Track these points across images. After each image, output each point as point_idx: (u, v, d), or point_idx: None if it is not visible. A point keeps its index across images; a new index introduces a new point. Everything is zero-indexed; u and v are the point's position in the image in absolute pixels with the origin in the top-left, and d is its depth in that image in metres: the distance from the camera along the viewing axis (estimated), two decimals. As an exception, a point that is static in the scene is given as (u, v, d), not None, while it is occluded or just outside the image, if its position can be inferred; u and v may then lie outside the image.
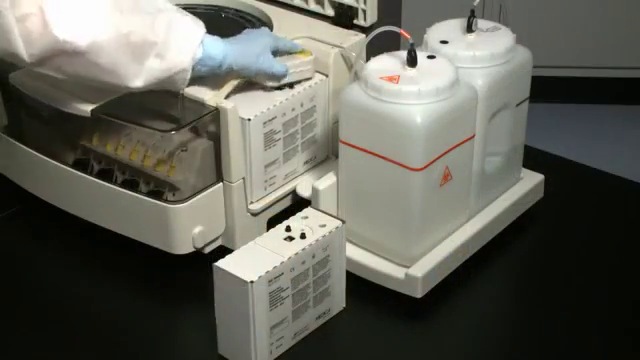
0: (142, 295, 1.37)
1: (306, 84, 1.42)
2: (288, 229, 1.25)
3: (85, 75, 1.27)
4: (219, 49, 1.32)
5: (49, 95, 1.37)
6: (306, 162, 1.47)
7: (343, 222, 1.27)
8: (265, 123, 1.36)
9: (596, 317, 1.33)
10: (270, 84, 1.39)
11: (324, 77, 1.44)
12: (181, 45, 1.28)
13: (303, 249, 1.22)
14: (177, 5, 1.62)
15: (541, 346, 1.28)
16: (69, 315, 1.33)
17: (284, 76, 1.39)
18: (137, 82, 1.27)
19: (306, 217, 1.28)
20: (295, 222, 1.27)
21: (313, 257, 1.24)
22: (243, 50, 1.35)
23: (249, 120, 1.34)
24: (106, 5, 1.24)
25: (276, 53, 1.40)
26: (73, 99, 1.35)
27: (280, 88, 1.40)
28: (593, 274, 1.41)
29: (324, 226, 1.26)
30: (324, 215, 1.28)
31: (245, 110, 1.34)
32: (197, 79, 1.33)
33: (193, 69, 1.29)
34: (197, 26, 1.31)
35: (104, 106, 1.35)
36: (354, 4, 1.53)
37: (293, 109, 1.39)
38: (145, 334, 1.31)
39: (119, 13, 1.25)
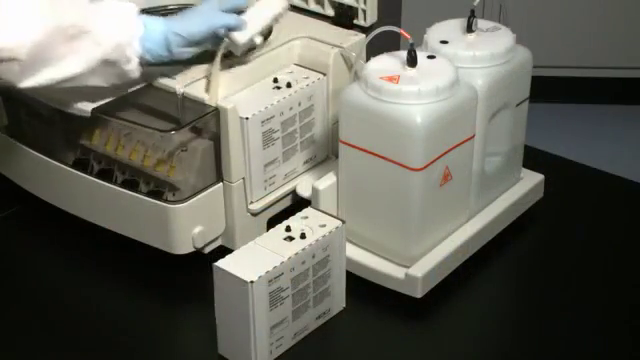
0: (142, 295, 1.37)
1: (304, 83, 1.41)
2: (288, 229, 1.25)
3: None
4: (159, 22, 1.32)
5: (49, 95, 1.37)
6: (306, 162, 1.47)
7: (343, 222, 1.27)
8: (263, 122, 1.36)
9: (596, 317, 1.33)
10: (241, 48, 1.37)
11: (321, 76, 1.44)
12: (115, 23, 1.28)
13: (303, 249, 1.22)
14: (178, 5, 1.63)
15: (541, 346, 1.28)
16: (69, 315, 1.33)
17: (243, 25, 1.35)
18: (75, 69, 1.27)
19: (306, 217, 1.28)
20: (295, 222, 1.27)
21: (313, 257, 1.24)
22: (185, 17, 1.34)
23: (247, 119, 1.34)
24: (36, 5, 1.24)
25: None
26: (73, 99, 1.35)
27: (279, 87, 1.40)
28: (593, 274, 1.41)
29: (324, 226, 1.26)
30: (324, 215, 1.28)
31: (243, 109, 1.34)
32: (191, 80, 1.33)
33: (143, 56, 1.30)
34: (128, 4, 1.31)
35: (104, 106, 1.35)
36: (354, 4, 1.53)
37: (291, 108, 1.39)
38: (145, 334, 1.31)
39: (51, 10, 1.24)
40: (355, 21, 1.54)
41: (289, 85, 1.40)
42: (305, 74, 1.44)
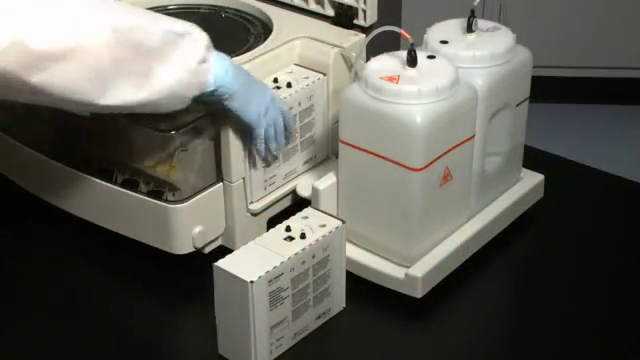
0: (142, 295, 1.37)
1: (304, 83, 1.42)
2: (288, 229, 1.25)
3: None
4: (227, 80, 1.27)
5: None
6: (306, 162, 1.47)
7: (343, 222, 1.27)
8: None
9: (596, 317, 1.33)
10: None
11: (321, 76, 1.44)
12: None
13: (303, 249, 1.22)
14: (178, 5, 1.63)
15: (541, 346, 1.28)
16: (69, 315, 1.33)
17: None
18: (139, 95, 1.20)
19: (306, 217, 1.28)
20: (295, 222, 1.26)
21: (313, 257, 1.24)
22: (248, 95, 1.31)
23: None
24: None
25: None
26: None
27: (278, 87, 1.40)
28: (593, 274, 1.41)
29: (324, 226, 1.26)
30: (324, 215, 1.28)
31: None
32: None
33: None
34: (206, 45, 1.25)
35: (104, 106, 1.35)
36: (354, 4, 1.53)
37: (291, 108, 1.39)
38: (145, 334, 1.31)
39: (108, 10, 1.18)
40: (355, 21, 1.53)
41: (289, 85, 1.40)
42: (305, 74, 1.44)
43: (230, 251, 1.25)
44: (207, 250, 1.40)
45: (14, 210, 1.52)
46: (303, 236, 1.24)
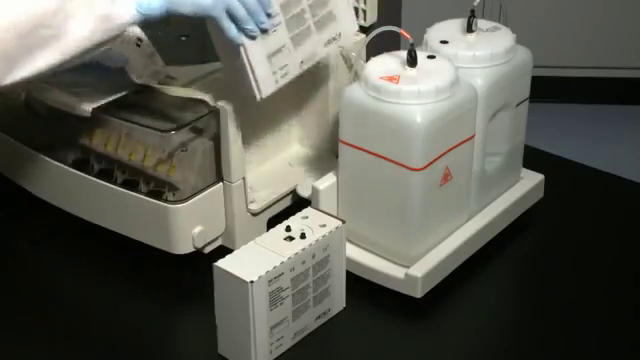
0: (142, 295, 1.37)
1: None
2: (288, 229, 1.25)
3: None
4: None
5: (49, 95, 1.37)
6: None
7: (343, 222, 1.27)
8: None
9: (596, 317, 1.33)
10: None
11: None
12: None
13: (303, 249, 1.22)
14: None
15: (541, 346, 1.28)
16: (69, 315, 1.33)
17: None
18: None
19: (306, 217, 1.28)
20: (295, 222, 1.27)
21: (313, 257, 1.24)
22: None
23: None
24: None
25: None
26: (73, 99, 1.36)
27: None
28: (593, 274, 1.41)
29: (324, 226, 1.26)
30: (324, 215, 1.28)
31: None
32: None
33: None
34: None
35: (104, 106, 1.35)
36: (354, 4, 1.52)
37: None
38: (145, 334, 1.31)
39: None
40: (355, 21, 1.54)
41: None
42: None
43: (230, 251, 1.25)
44: (207, 250, 1.40)
45: (14, 210, 1.52)
46: (303, 236, 1.24)
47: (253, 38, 1.24)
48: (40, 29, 1.14)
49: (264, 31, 1.24)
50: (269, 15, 1.25)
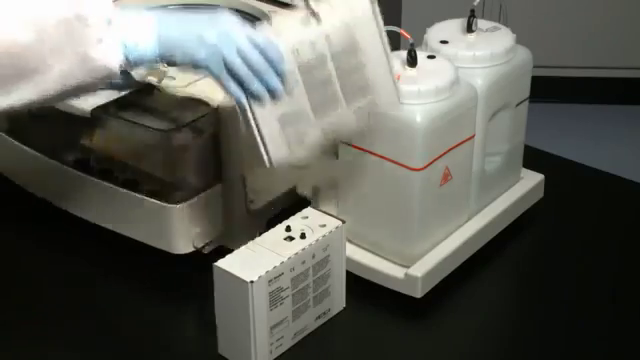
0: (142, 295, 1.37)
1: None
2: (288, 229, 1.25)
3: None
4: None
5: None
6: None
7: (343, 222, 1.27)
8: None
9: (596, 317, 1.33)
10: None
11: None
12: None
13: (303, 249, 1.22)
14: (178, 5, 1.63)
15: (541, 346, 1.28)
16: (69, 315, 1.33)
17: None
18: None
19: (306, 217, 1.28)
20: (295, 222, 1.26)
21: (313, 257, 1.24)
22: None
23: None
24: None
25: None
26: (73, 99, 1.35)
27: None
28: (593, 274, 1.41)
29: (324, 226, 1.26)
30: (324, 215, 1.28)
31: None
32: None
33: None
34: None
35: (104, 106, 1.35)
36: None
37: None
38: (145, 334, 1.31)
39: None
40: (355, 21, 1.53)
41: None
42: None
43: (230, 251, 1.25)
44: (207, 250, 1.40)
45: (14, 210, 1.52)
46: (303, 236, 1.24)
47: (260, 100, 1.08)
48: (14, 60, 1.02)
49: (274, 94, 1.08)
50: (280, 75, 1.08)
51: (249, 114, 1.08)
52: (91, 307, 1.35)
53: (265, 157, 1.11)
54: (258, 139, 1.09)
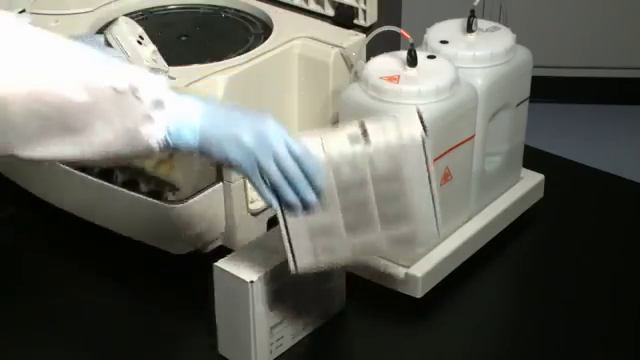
0: (142, 295, 1.37)
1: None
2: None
3: None
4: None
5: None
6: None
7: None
8: None
9: (596, 317, 1.33)
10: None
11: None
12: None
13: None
14: (178, 5, 1.63)
15: (541, 346, 1.28)
16: (68, 315, 1.33)
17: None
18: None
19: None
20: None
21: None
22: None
23: None
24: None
25: None
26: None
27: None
28: (593, 274, 1.41)
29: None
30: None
31: None
32: None
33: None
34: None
35: (104, 106, 1.35)
36: (354, 4, 1.53)
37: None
38: (145, 334, 1.31)
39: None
40: (355, 21, 1.53)
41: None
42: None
43: (230, 251, 1.25)
44: (207, 250, 1.40)
45: (14, 211, 1.52)
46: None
47: (292, 210, 1.07)
48: (63, 118, 1.03)
49: (307, 206, 1.07)
50: (316, 189, 1.06)
51: (280, 220, 1.08)
52: (91, 307, 1.35)
53: (292, 264, 1.11)
54: (287, 245, 1.09)
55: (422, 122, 1.07)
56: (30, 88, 1.01)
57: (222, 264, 1.20)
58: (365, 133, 1.07)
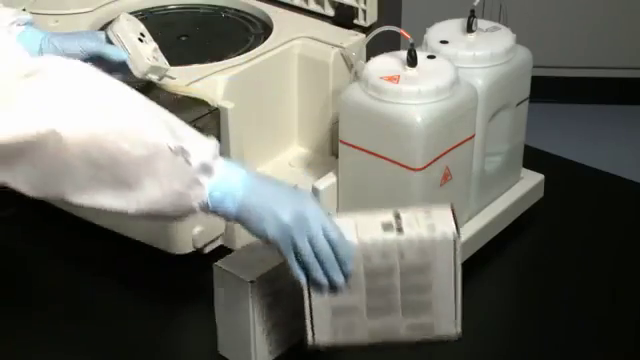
0: (142, 295, 1.37)
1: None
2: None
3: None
4: (39, 31, 1.28)
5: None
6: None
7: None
8: None
9: (596, 317, 1.33)
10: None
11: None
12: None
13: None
14: (178, 5, 1.63)
15: (541, 346, 1.28)
16: (69, 315, 1.33)
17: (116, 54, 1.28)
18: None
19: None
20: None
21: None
22: (68, 34, 1.30)
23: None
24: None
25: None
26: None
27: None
28: (593, 274, 1.41)
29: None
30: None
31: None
32: None
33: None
34: None
35: (104, 106, 1.35)
36: (354, 4, 1.53)
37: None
38: (145, 334, 1.31)
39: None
40: (355, 21, 1.53)
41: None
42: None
43: (230, 251, 1.25)
44: (207, 250, 1.40)
45: (15, 211, 1.51)
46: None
47: (319, 289, 1.10)
48: (115, 168, 1.03)
49: (334, 288, 1.10)
50: (345, 273, 1.09)
51: (305, 296, 1.11)
52: (91, 307, 1.35)
53: (310, 338, 1.13)
54: (308, 321, 1.12)
55: (455, 220, 1.10)
56: (91, 132, 1.01)
57: (222, 264, 1.20)
58: (399, 223, 1.10)
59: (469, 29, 1.38)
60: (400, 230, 1.09)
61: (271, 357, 1.23)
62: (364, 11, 1.52)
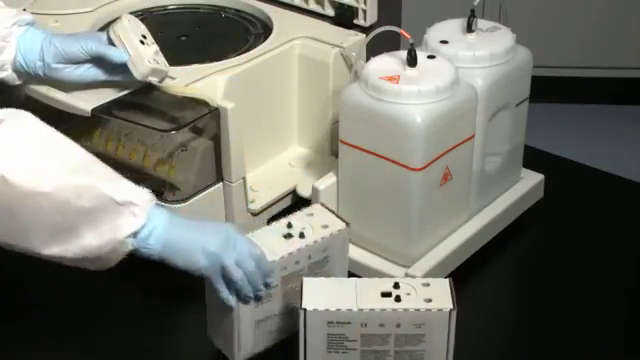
0: (142, 295, 1.37)
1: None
2: (289, 225, 1.24)
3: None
4: (40, 31, 1.32)
5: (49, 95, 1.37)
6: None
7: (347, 225, 1.26)
8: None
9: (596, 317, 1.33)
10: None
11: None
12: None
13: (298, 249, 1.21)
14: (178, 5, 1.63)
15: (541, 345, 1.28)
16: (68, 315, 1.33)
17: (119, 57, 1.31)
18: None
19: (312, 214, 1.26)
20: (298, 219, 1.25)
21: (309, 258, 1.23)
22: (69, 35, 1.34)
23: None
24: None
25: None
26: (73, 99, 1.35)
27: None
28: (592, 274, 1.41)
29: (326, 227, 1.25)
30: (330, 215, 1.26)
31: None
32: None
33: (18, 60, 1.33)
34: None
35: (104, 106, 1.35)
36: (354, 4, 1.53)
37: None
38: (145, 334, 1.31)
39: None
40: (355, 21, 1.54)
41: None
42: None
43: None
44: (207, 250, 1.40)
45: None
46: (302, 235, 1.23)
47: (246, 302, 1.19)
48: (57, 217, 1.09)
49: (258, 298, 1.19)
50: (267, 285, 1.18)
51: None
52: (91, 307, 1.35)
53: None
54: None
55: (452, 295, 1.16)
56: (37, 182, 1.07)
57: None
58: (397, 293, 1.15)
59: (469, 29, 1.38)
60: (398, 300, 1.14)
61: (255, 349, 1.23)
62: (364, 11, 1.52)
